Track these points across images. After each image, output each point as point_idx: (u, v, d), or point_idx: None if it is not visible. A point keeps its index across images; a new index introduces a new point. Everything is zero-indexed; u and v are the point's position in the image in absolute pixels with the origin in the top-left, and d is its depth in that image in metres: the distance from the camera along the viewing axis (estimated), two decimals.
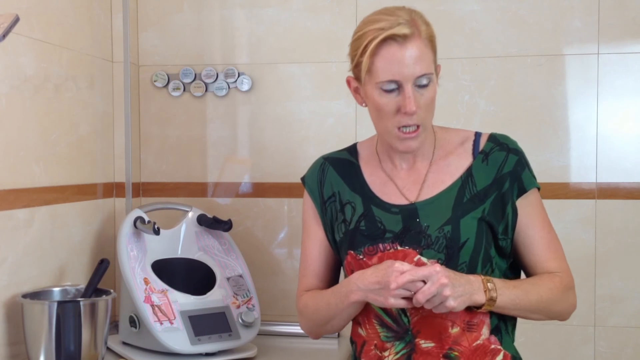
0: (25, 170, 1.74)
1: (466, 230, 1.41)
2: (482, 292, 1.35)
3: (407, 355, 1.42)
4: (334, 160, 1.58)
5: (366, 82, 1.41)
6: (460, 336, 1.41)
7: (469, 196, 1.44)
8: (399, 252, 1.42)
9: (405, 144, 1.42)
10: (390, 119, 1.40)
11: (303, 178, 1.60)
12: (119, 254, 1.82)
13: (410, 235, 1.43)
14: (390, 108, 1.39)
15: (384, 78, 1.37)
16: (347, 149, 1.60)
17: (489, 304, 1.36)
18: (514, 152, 1.47)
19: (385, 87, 1.38)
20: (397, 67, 1.36)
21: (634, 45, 2.04)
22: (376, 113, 1.43)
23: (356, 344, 1.52)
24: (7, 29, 1.37)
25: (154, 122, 2.24)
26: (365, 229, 1.46)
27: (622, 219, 2.05)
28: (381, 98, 1.39)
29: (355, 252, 1.46)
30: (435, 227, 1.42)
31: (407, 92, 1.36)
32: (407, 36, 1.36)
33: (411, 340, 1.43)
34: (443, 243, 1.40)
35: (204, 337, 1.77)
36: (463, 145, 1.50)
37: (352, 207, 1.50)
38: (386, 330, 1.45)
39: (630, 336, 2.06)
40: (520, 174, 1.45)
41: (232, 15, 2.20)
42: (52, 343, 1.57)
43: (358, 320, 1.50)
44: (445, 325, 1.41)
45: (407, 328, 1.43)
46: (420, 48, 1.37)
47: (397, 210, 1.46)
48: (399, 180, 1.50)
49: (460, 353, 1.40)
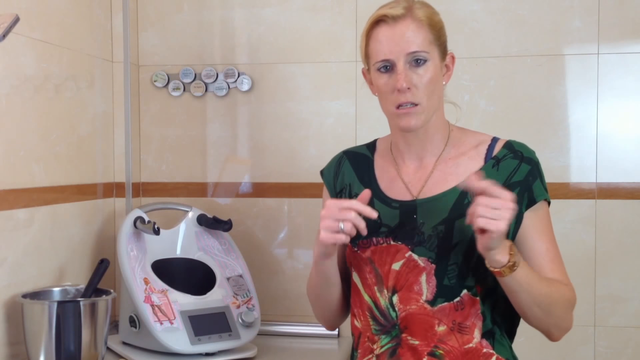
0: (25, 170, 1.74)
1: (460, 232, 1.40)
2: (507, 253, 1.31)
3: (393, 349, 1.44)
4: (352, 154, 1.60)
5: (369, 68, 1.46)
6: (447, 335, 1.40)
7: (470, 199, 1.43)
8: (391, 246, 1.43)
9: (404, 120, 1.42)
10: (389, 99, 1.43)
11: (322, 171, 1.63)
12: (119, 254, 1.82)
13: (405, 231, 1.44)
14: (388, 88, 1.42)
15: (378, 58, 1.42)
16: (367, 144, 1.62)
17: (509, 268, 1.31)
18: (528, 161, 1.45)
19: (380, 68, 1.42)
20: (387, 46, 1.40)
21: (634, 45, 2.04)
22: (379, 97, 1.46)
23: (354, 336, 1.54)
24: (7, 29, 1.37)
25: (154, 122, 2.24)
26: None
27: (622, 219, 2.05)
28: (380, 79, 1.43)
29: (352, 244, 1.48)
30: (430, 225, 1.42)
31: (397, 69, 1.40)
32: (397, 17, 1.40)
33: (397, 335, 1.43)
34: (435, 242, 1.41)
35: (204, 337, 1.77)
36: (477, 148, 1.49)
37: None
38: (376, 323, 1.47)
39: (630, 336, 2.06)
40: (531, 185, 1.43)
41: (232, 15, 2.20)
42: (52, 343, 1.57)
43: (354, 312, 1.52)
44: (431, 322, 1.41)
45: (394, 323, 1.44)
46: (411, 28, 1.40)
47: (396, 205, 1.47)
48: (405, 175, 1.50)
49: (446, 352, 1.40)
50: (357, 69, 2.13)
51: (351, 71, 2.14)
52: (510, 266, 1.31)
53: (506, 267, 1.31)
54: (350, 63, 2.14)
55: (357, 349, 1.52)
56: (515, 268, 1.31)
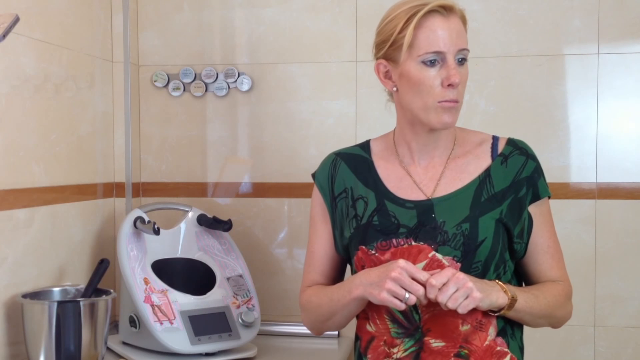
0: (25, 170, 1.74)
1: (484, 229, 1.40)
2: (502, 293, 1.35)
3: (416, 354, 1.42)
4: (346, 155, 1.57)
5: (405, 59, 1.40)
6: (471, 334, 1.40)
7: (486, 196, 1.43)
8: (413, 247, 1.41)
9: (444, 117, 1.39)
10: (432, 93, 1.38)
11: (314, 174, 1.59)
12: (119, 254, 1.82)
13: (425, 230, 1.42)
14: (433, 82, 1.38)
15: (429, 49, 1.37)
16: (360, 145, 1.59)
17: (510, 306, 1.36)
18: (532, 158, 1.47)
19: (428, 60, 1.37)
20: (442, 38, 1.37)
21: (634, 45, 2.04)
22: (415, 90, 1.40)
23: (362, 340, 1.50)
24: (7, 29, 1.37)
25: (154, 122, 2.24)
26: (378, 224, 1.45)
27: (622, 219, 2.05)
28: (422, 72, 1.38)
29: (367, 247, 1.45)
30: (452, 224, 1.41)
31: (450, 63, 1.37)
32: (451, 8, 1.38)
33: (420, 339, 1.42)
34: (460, 240, 1.39)
35: (204, 337, 1.77)
36: (481, 146, 1.50)
37: (365, 202, 1.49)
38: (397, 326, 1.44)
39: (630, 336, 2.06)
40: (536, 181, 1.46)
41: (232, 15, 2.20)
42: (52, 343, 1.57)
43: (367, 315, 1.48)
44: (455, 323, 1.40)
45: (417, 325, 1.42)
46: (460, 23, 1.40)
47: (411, 205, 1.45)
48: (416, 175, 1.49)
49: (471, 352, 1.40)
50: (357, 69, 2.13)
51: (351, 71, 2.14)
52: (512, 301, 1.36)
53: (507, 307, 1.36)
54: (350, 63, 2.14)
55: (365, 353, 1.48)
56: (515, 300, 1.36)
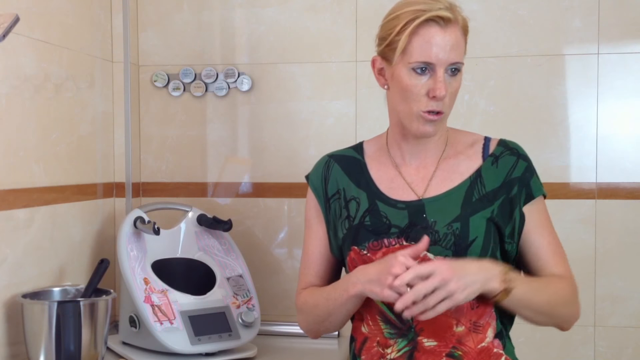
0: (25, 170, 1.74)
1: (475, 228, 1.40)
2: (498, 279, 1.33)
3: (409, 353, 1.42)
4: (339, 157, 1.58)
5: (397, 62, 1.40)
6: (465, 336, 1.40)
7: (477, 196, 1.44)
8: (404, 247, 1.41)
9: (425, 127, 1.40)
10: (417, 102, 1.39)
11: (307, 176, 1.60)
12: (119, 254, 1.82)
13: (416, 230, 1.42)
14: (419, 90, 1.38)
15: (419, 59, 1.37)
16: (353, 147, 1.60)
17: (504, 294, 1.34)
18: (524, 158, 1.48)
19: (417, 68, 1.38)
20: (435, 50, 1.36)
21: (634, 45, 2.04)
22: (402, 94, 1.41)
23: (356, 341, 1.50)
24: (7, 29, 1.37)
25: (154, 122, 2.24)
26: (369, 224, 1.46)
27: (622, 219, 2.05)
28: (411, 79, 1.39)
29: (359, 247, 1.45)
30: (443, 224, 1.41)
31: (439, 76, 1.37)
32: (449, 20, 1.37)
33: (414, 338, 1.42)
34: (451, 240, 1.40)
35: (204, 337, 1.77)
36: (473, 147, 1.50)
37: (357, 202, 1.49)
38: (390, 327, 1.44)
39: (630, 336, 2.06)
40: (529, 181, 1.45)
41: (232, 15, 2.20)
42: (52, 343, 1.57)
43: (361, 317, 1.49)
44: (449, 323, 1.40)
45: (410, 325, 1.42)
46: (457, 36, 1.39)
47: (403, 206, 1.46)
48: (407, 175, 1.49)
49: (465, 353, 1.39)
50: (357, 69, 2.13)
51: (351, 71, 2.14)
52: (505, 291, 1.34)
53: (501, 294, 1.34)
54: (350, 63, 2.14)
55: (359, 354, 1.49)
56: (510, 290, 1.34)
